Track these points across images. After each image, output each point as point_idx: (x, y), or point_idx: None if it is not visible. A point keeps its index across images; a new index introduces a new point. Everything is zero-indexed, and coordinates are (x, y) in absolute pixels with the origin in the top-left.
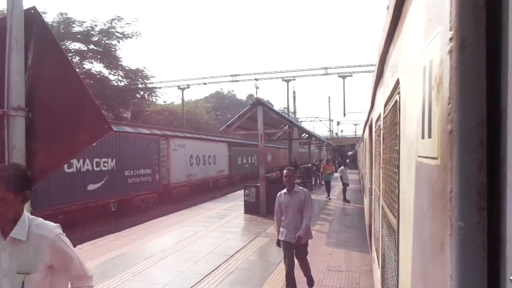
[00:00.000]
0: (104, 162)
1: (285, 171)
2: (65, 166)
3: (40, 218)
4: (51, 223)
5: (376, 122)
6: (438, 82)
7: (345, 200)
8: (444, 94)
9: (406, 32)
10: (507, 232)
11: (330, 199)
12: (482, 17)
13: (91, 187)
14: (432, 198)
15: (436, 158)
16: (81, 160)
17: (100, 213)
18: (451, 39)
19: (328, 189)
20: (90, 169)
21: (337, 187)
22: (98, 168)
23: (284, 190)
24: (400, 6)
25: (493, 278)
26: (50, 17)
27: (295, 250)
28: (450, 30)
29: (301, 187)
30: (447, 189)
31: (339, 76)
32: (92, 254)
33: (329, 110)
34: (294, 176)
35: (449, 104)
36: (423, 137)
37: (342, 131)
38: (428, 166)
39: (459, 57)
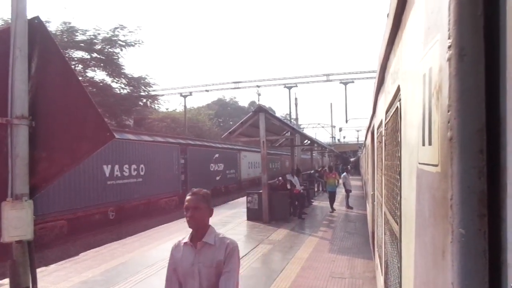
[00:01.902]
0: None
1: (188, 196)
2: None
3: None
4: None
5: (377, 129)
6: (438, 89)
7: (348, 206)
8: (444, 102)
9: (406, 39)
10: (508, 240)
11: (333, 210)
12: (480, 25)
13: None
14: (433, 205)
15: (436, 165)
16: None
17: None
18: (450, 47)
19: (332, 201)
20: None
21: (339, 193)
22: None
23: (186, 238)
24: (400, 14)
25: (495, 286)
26: (53, 26)
27: None
28: (449, 38)
29: (222, 235)
30: (448, 196)
31: (341, 83)
32: (94, 262)
33: (331, 116)
34: (207, 209)
35: (448, 111)
36: (423, 144)
37: (344, 137)
38: (429, 173)
39: (458, 64)
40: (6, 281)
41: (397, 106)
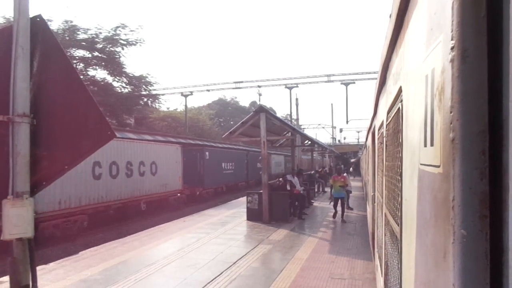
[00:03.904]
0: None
1: None
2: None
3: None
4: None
5: (379, 129)
6: (440, 90)
7: (348, 207)
8: (446, 103)
9: (408, 40)
10: (510, 241)
11: (335, 219)
12: (483, 26)
13: None
14: (434, 206)
15: (438, 166)
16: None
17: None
18: (452, 48)
19: (337, 205)
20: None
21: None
22: None
23: None
24: (403, 15)
25: (496, 287)
26: (55, 25)
27: None
28: (452, 39)
29: None
30: (450, 197)
31: (342, 83)
32: (93, 261)
33: (332, 117)
34: None
35: (451, 112)
36: (425, 145)
37: (345, 138)
38: (431, 174)
39: (461, 66)
40: (7, 278)
41: (399, 107)
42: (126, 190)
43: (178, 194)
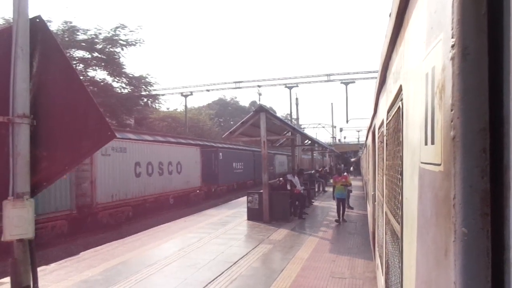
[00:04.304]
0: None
1: None
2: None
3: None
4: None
5: (379, 128)
6: (441, 88)
7: (348, 206)
8: (447, 101)
9: (408, 39)
10: (511, 239)
11: (341, 221)
12: (484, 24)
13: None
14: (435, 205)
15: (439, 165)
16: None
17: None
18: (453, 46)
19: (340, 209)
20: None
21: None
22: None
23: None
24: (403, 13)
25: (498, 285)
26: (55, 26)
27: None
28: (452, 37)
29: None
30: (451, 195)
31: (342, 83)
32: (94, 261)
33: (332, 116)
34: None
35: (451, 110)
36: (426, 144)
37: (345, 137)
38: (432, 173)
39: (461, 64)
40: (7, 279)
41: (399, 106)
42: (158, 186)
43: (198, 191)
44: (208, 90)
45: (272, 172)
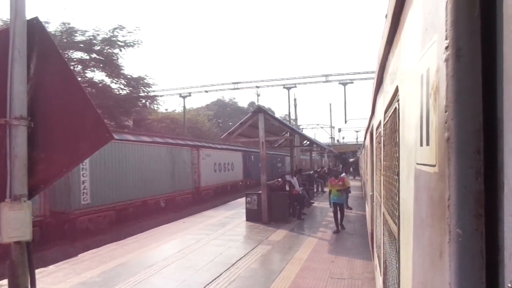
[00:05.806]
0: None
1: None
2: None
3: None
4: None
5: (376, 129)
6: (435, 90)
7: (347, 207)
8: (441, 102)
9: (404, 40)
10: (505, 240)
11: (341, 229)
12: (477, 26)
13: None
14: (430, 206)
15: (434, 166)
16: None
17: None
18: (447, 47)
19: (338, 216)
20: None
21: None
22: None
23: None
24: (398, 15)
25: (492, 286)
26: (52, 27)
27: None
28: (446, 39)
29: None
30: (445, 196)
31: (340, 83)
32: (93, 263)
33: (330, 117)
34: None
35: (446, 112)
36: (421, 145)
37: (343, 138)
38: (427, 174)
39: (455, 65)
40: (5, 282)
41: (396, 107)
42: (222, 178)
43: (240, 183)
44: (206, 91)
45: (282, 171)
